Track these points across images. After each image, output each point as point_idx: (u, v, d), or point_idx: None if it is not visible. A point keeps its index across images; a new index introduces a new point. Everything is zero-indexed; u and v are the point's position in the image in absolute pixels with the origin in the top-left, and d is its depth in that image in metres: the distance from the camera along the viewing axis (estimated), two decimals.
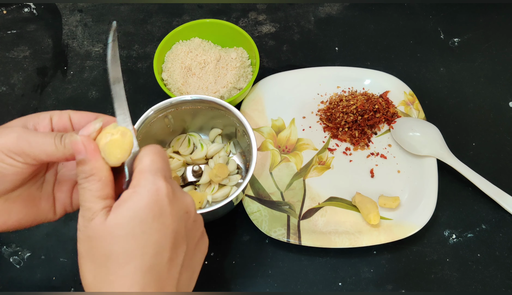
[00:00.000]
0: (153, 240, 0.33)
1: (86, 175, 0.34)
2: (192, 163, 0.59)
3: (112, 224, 0.33)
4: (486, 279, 0.55)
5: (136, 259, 0.32)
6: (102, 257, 0.33)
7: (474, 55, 0.72)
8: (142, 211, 0.33)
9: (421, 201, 0.57)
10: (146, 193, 0.33)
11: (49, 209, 0.40)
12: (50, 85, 0.68)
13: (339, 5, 0.77)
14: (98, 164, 0.34)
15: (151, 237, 0.33)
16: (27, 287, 0.54)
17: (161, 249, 0.33)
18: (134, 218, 0.33)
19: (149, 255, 0.33)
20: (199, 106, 0.56)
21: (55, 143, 0.35)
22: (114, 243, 0.32)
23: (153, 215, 0.33)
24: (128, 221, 0.33)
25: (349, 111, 0.62)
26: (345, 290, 0.54)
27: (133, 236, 0.32)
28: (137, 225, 0.33)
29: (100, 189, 0.34)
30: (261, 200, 0.58)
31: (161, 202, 0.33)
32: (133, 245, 0.32)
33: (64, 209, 0.41)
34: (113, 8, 0.76)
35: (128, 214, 0.33)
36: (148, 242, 0.33)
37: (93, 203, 0.33)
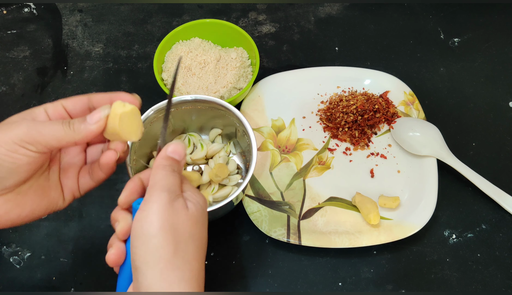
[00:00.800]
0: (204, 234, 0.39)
1: (176, 167, 0.39)
2: (192, 163, 0.59)
3: (194, 210, 0.38)
4: (486, 279, 0.55)
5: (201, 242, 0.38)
6: (181, 235, 0.37)
7: (474, 55, 0.72)
8: (202, 209, 0.39)
9: (421, 201, 0.57)
10: (203, 202, 0.39)
11: (58, 197, 0.42)
12: (50, 85, 0.68)
13: (339, 5, 0.77)
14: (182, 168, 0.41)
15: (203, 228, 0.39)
16: (27, 287, 0.54)
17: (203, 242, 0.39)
18: (203, 212, 0.39)
19: (205, 241, 0.39)
20: (199, 106, 0.56)
21: (63, 128, 0.37)
22: (195, 226, 0.38)
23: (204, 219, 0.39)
24: (202, 213, 0.39)
25: (349, 111, 0.62)
26: (345, 290, 0.54)
27: (203, 224, 0.39)
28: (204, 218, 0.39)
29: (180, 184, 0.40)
30: (261, 200, 0.58)
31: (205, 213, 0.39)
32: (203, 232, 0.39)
33: (72, 195, 0.43)
34: (113, 8, 0.76)
35: (200, 209, 0.39)
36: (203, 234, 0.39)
37: (178, 188, 0.38)
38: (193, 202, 0.38)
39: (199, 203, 0.39)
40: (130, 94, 0.41)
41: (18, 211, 0.39)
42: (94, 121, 0.38)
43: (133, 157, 0.52)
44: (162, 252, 0.35)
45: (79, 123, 0.38)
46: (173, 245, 0.35)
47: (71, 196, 0.43)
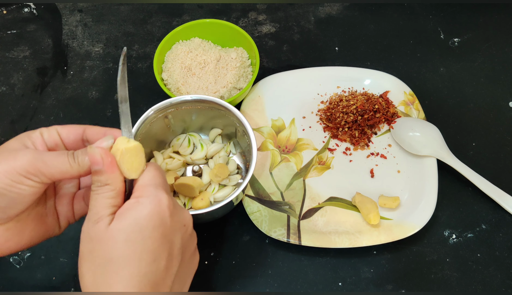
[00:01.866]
0: (151, 248, 0.34)
1: (101, 184, 0.36)
2: (192, 163, 0.59)
3: (114, 229, 0.34)
4: (486, 279, 0.55)
5: (134, 264, 0.34)
6: (102, 259, 0.34)
7: (474, 55, 0.72)
8: (144, 219, 0.35)
9: (421, 201, 0.57)
10: (149, 204, 0.35)
11: (55, 224, 0.42)
12: (50, 85, 0.68)
13: (339, 5, 0.77)
14: (114, 174, 0.36)
15: (150, 245, 0.34)
16: (27, 287, 0.54)
17: (158, 257, 0.35)
18: (135, 226, 0.35)
19: (146, 261, 0.34)
20: (199, 106, 0.56)
21: (69, 161, 0.36)
22: (114, 247, 0.34)
23: (153, 225, 0.35)
24: (129, 227, 0.34)
25: (349, 111, 0.62)
26: (345, 290, 0.54)
27: (132, 242, 0.34)
28: (138, 232, 0.34)
29: (112, 197, 0.36)
30: (261, 200, 0.58)
31: (162, 213, 0.36)
32: (131, 251, 0.34)
33: (67, 221, 0.43)
34: (113, 8, 0.76)
35: (130, 221, 0.35)
36: (146, 249, 0.34)
37: (102, 209, 0.36)
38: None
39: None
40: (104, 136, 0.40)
41: (18, 239, 0.39)
42: (98, 154, 0.37)
43: None
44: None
45: (83, 156, 0.37)
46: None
47: (66, 222, 0.43)
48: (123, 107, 0.39)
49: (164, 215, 0.36)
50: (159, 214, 0.35)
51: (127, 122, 0.39)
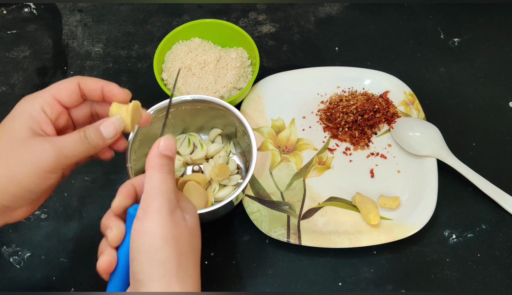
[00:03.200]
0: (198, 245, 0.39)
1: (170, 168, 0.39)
2: (192, 163, 0.59)
3: (192, 223, 0.39)
4: (486, 279, 0.55)
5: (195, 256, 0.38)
6: (187, 247, 0.37)
7: (474, 55, 0.72)
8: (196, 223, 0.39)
9: (421, 201, 0.57)
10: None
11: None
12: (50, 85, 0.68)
13: (339, 5, 0.77)
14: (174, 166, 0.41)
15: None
16: (27, 287, 0.54)
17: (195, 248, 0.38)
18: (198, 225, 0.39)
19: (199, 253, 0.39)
20: (199, 106, 0.56)
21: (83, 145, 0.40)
22: (196, 239, 0.39)
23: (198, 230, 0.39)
24: (198, 226, 0.39)
25: (349, 111, 0.62)
26: (345, 290, 0.54)
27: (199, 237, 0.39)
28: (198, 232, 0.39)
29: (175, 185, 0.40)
30: (261, 200, 0.58)
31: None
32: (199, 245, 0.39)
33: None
34: (113, 8, 0.76)
35: (196, 222, 0.39)
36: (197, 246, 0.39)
37: (174, 197, 0.37)
38: (189, 213, 0.38)
39: (194, 214, 0.39)
40: (121, 88, 0.43)
41: (34, 207, 0.42)
42: (112, 136, 0.41)
43: (133, 157, 0.52)
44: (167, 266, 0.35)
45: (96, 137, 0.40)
46: (177, 258, 0.35)
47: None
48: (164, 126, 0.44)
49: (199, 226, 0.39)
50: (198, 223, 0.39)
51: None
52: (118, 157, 0.47)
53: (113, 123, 0.41)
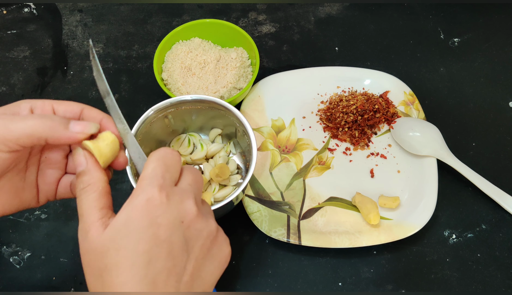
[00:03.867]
0: (143, 250, 0.32)
1: (84, 185, 0.35)
2: (192, 163, 0.59)
3: (105, 239, 0.33)
4: (486, 279, 0.55)
5: (127, 269, 0.32)
6: (98, 270, 0.33)
7: (474, 55, 0.72)
8: (132, 221, 0.33)
9: (421, 201, 0.57)
10: (138, 203, 0.33)
11: (32, 198, 0.41)
12: (50, 85, 0.68)
13: (339, 5, 0.77)
14: (96, 174, 0.36)
15: (142, 247, 0.32)
16: (27, 287, 0.54)
17: (153, 259, 0.33)
18: (124, 230, 0.33)
19: (140, 264, 0.32)
20: (199, 106, 0.56)
21: (36, 122, 0.35)
22: (106, 256, 0.33)
23: (142, 226, 0.33)
24: (119, 232, 0.33)
25: (349, 111, 0.62)
26: (345, 290, 0.54)
27: (123, 248, 0.32)
28: (127, 236, 0.33)
29: (97, 199, 0.35)
30: (261, 200, 0.58)
31: (152, 212, 0.33)
32: (123, 257, 0.32)
33: (47, 198, 0.41)
34: (113, 8, 0.76)
35: (119, 226, 0.33)
36: (138, 252, 0.32)
37: (89, 213, 0.34)
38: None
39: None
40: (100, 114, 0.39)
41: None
42: (76, 131, 0.36)
43: None
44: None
45: (57, 124, 0.35)
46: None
47: (46, 199, 0.41)
48: (108, 101, 0.38)
49: (155, 214, 0.33)
50: (149, 213, 0.33)
51: (116, 114, 0.38)
52: None
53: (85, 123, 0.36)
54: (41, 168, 0.41)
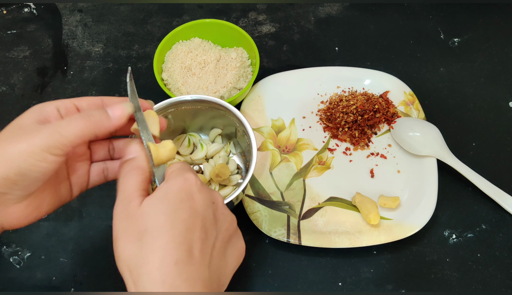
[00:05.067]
0: (182, 218, 0.36)
1: (132, 168, 0.39)
2: (192, 163, 0.59)
3: (145, 205, 0.37)
4: (486, 279, 0.55)
5: (168, 232, 0.35)
6: (137, 233, 0.36)
7: (474, 55, 0.72)
8: (172, 193, 0.37)
9: (421, 201, 0.57)
10: (176, 181, 0.38)
11: (67, 193, 0.43)
12: (50, 85, 0.68)
13: (339, 5, 0.77)
14: (146, 164, 0.40)
15: (181, 215, 0.36)
16: (27, 287, 0.54)
17: (191, 227, 0.36)
18: (165, 199, 0.36)
19: (180, 230, 0.35)
20: (199, 106, 0.56)
21: (84, 122, 0.37)
22: (147, 220, 0.36)
23: (181, 198, 0.37)
24: (159, 201, 0.36)
25: (349, 111, 0.62)
26: (345, 290, 0.54)
27: (164, 213, 0.36)
28: (167, 204, 0.36)
29: (142, 181, 0.39)
30: (261, 200, 0.58)
31: (189, 188, 0.37)
32: (164, 221, 0.35)
33: (80, 190, 0.44)
34: (113, 8, 0.76)
35: (159, 196, 0.37)
36: (178, 219, 0.36)
37: (133, 190, 0.38)
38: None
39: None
40: (146, 101, 0.43)
41: (37, 213, 0.40)
42: (118, 116, 0.39)
43: None
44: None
45: (100, 116, 0.38)
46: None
47: (79, 191, 0.44)
48: (138, 115, 0.41)
49: (191, 190, 0.37)
50: (186, 189, 0.37)
51: (144, 127, 0.42)
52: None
53: (121, 106, 0.39)
54: (70, 163, 0.43)
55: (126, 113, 0.39)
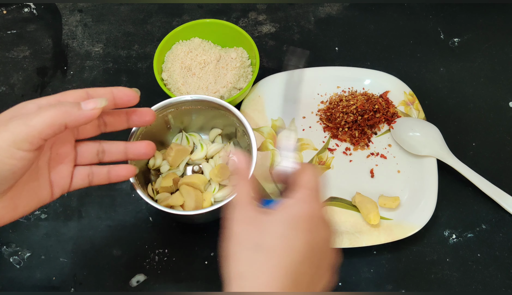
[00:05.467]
0: (301, 248, 0.35)
1: (243, 176, 0.40)
2: (192, 163, 0.59)
3: (274, 220, 0.36)
4: (486, 279, 0.55)
5: (284, 258, 0.34)
6: (255, 244, 0.35)
7: (474, 55, 0.72)
8: (300, 221, 0.36)
9: (421, 201, 0.57)
10: (309, 208, 0.37)
11: (47, 194, 0.42)
12: (50, 85, 0.68)
13: (339, 5, 0.77)
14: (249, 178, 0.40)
15: (300, 245, 0.35)
16: (27, 287, 0.54)
17: (306, 260, 0.35)
18: (290, 222, 0.36)
19: (294, 260, 0.35)
20: (199, 106, 0.56)
21: (52, 112, 0.35)
22: (267, 235, 0.35)
23: (306, 228, 0.36)
24: (285, 223, 0.36)
25: (349, 111, 0.62)
26: (345, 290, 0.54)
27: (285, 237, 0.35)
28: (291, 229, 0.35)
29: (250, 191, 0.39)
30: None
31: (317, 222, 0.37)
32: (282, 245, 0.35)
33: (62, 191, 0.42)
34: (113, 8, 0.76)
35: (286, 217, 0.36)
36: (296, 248, 0.35)
37: (247, 198, 0.38)
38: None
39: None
40: (131, 89, 0.42)
41: (11, 214, 0.39)
42: (90, 108, 0.37)
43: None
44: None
45: (71, 107, 0.36)
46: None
47: (60, 192, 0.42)
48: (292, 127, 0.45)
49: (318, 224, 0.37)
50: (315, 222, 0.37)
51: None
52: None
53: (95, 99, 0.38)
54: (53, 164, 0.42)
55: (98, 106, 0.38)
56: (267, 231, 0.35)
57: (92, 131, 0.43)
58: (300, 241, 0.35)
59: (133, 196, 0.59)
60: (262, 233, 0.35)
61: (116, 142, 0.44)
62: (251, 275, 0.34)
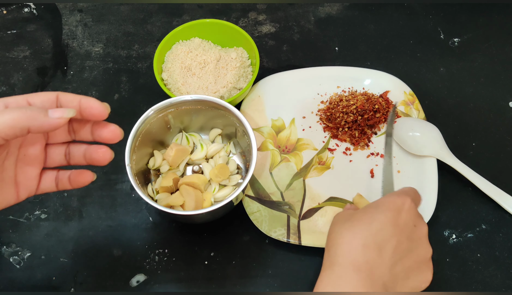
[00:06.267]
0: (384, 223, 0.42)
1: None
2: (192, 163, 0.59)
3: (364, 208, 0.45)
4: (486, 279, 0.55)
5: (368, 227, 0.42)
6: (346, 219, 0.45)
7: (474, 55, 0.72)
8: (385, 203, 0.44)
9: (421, 201, 0.57)
10: (393, 197, 0.45)
11: (12, 196, 0.41)
12: (50, 85, 0.68)
13: (339, 5, 0.77)
14: None
15: (383, 220, 0.42)
16: (27, 287, 0.54)
17: (388, 234, 0.42)
18: (376, 204, 0.45)
19: (377, 230, 0.42)
20: (199, 106, 0.56)
21: (17, 113, 0.35)
22: (357, 212, 0.45)
23: (389, 208, 0.43)
24: (372, 204, 0.45)
25: (349, 111, 0.62)
26: None
27: (370, 213, 0.44)
28: (376, 208, 0.44)
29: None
30: (261, 200, 0.58)
31: (400, 206, 0.44)
32: (367, 218, 0.43)
33: (28, 194, 0.42)
34: (113, 8, 0.76)
35: (375, 203, 0.45)
36: (379, 222, 0.42)
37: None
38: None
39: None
40: (100, 103, 0.39)
41: None
42: (56, 116, 0.36)
43: (133, 157, 0.52)
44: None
45: (38, 113, 0.36)
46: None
47: (27, 195, 0.42)
48: (387, 140, 0.57)
49: (401, 208, 0.43)
50: (398, 205, 0.43)
51: (388, 151, 0.56)
52: (118, 157, 0.47)
53: (62, 109, 0.37)
54: (20, 165, 0.41)
55: (65, 116, 0.37)
56: (357, 211, 0.44)
57: (63, 137, 0.43)
58: (382, 217, 0.42)
59: (133, 196, 0.59)
60: (353, 213, 0.44)
61: (82, 145, 0.43)
62: (338, 240, 0.42)
